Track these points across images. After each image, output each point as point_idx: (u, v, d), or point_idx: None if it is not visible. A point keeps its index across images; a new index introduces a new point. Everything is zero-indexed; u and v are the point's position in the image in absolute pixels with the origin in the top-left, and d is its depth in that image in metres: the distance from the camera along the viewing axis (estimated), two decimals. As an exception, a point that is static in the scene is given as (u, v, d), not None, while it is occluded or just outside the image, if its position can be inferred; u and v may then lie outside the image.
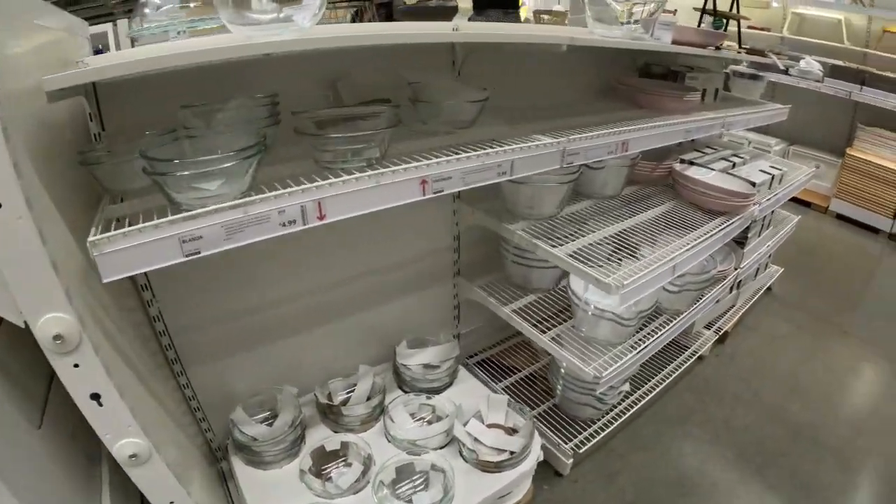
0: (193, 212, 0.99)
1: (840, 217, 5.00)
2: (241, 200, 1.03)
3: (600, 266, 1.74)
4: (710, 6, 3.41)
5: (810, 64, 4.92)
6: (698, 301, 2.34)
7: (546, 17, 2.74)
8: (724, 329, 2.95)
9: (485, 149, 1.40)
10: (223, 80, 1.39)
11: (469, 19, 2.94)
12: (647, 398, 2.43)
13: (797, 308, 3.48)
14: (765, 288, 3.51)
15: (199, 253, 1.01)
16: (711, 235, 2.09)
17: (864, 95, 4.72)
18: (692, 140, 2.94)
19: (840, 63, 4.98)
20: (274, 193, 1.06)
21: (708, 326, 2.93)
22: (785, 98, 3.66)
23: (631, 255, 1.88)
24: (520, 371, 2.48)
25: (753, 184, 2.44)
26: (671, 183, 2.48)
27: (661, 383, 2.52)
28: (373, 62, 1.67)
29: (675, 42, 2.05)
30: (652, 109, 2.21)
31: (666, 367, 2.61)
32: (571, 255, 1.77)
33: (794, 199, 4.26)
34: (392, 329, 2.12)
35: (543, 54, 1.67)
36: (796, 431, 2.44)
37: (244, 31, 1.16)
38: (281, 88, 1.42)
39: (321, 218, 1.10)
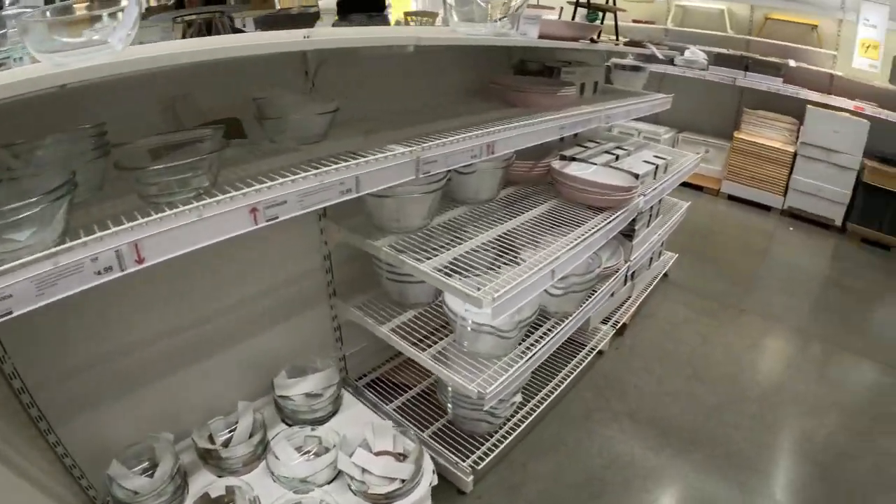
0: (-2, 268, 0.94)
1: (732, 198, 5.40)
2: (49, 251, 0.99)
3: (478, 276, 1.77)
4: (584, -1, 3.56)
5: (695, 53, 5.29)
6: (588, 299, 2.43)
7: (416, 18, 2.78)
8: (622, 322, 3.09)
9: (326, 166, 1.38)
10: (50, 113, 1.31)
11: (333, 25, 2.95)
12: (547, 402, 2.48)
13: (694, 292, 3.70)
14: (660, 275, 3.71)
15: (12, 313, 0.96)
16: (594, 233, 2.15)
17: (749, 80, 5.15)
18: (575, 135, 3.05)
19: (724, 51, 5.40)
20: (84, 239, 1.02)
21: (605, 321, 3.06)
22: (672, 88, 3.89)
23: (513, 260, 1.91)
24: (412, 388, 2.48)
25: (637, 175, 2.54)
26: (552, 181, 2.53)
27: (560, 385, 2.59)
28: (217, 79, 1.62)
29: (542, 36, 2.10)
30: (525, 107, 2.26)
31: (564, 368, 2.68)
32: (441, 268, 1.77)
33: (686, 185, 4.54)
34: (271, 359, 2.07)
35: (407, 58, 1.67)
36: (704, 415, 2.58)
37: (53, 59, 1.11)
38: (115, 115, 1.37)
39: (140, 261, 1.06)
